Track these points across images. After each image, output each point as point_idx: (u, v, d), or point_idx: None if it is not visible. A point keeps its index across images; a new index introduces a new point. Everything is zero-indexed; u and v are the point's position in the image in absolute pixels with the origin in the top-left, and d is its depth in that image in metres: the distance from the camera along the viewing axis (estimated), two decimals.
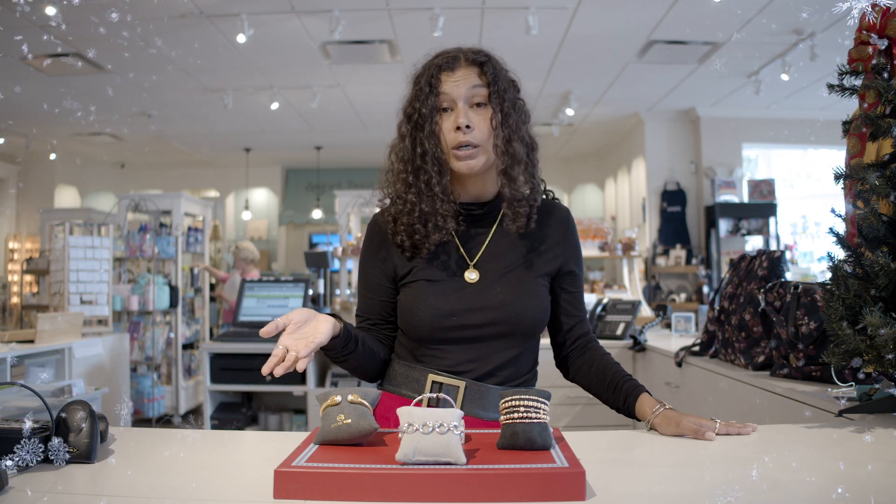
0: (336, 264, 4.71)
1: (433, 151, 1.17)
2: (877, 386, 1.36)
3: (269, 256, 9.76)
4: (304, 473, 0.81)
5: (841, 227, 1.30)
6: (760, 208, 6.78)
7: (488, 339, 1.17)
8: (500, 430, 1.00)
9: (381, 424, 1.01)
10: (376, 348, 1.23)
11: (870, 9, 1.27)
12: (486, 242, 1.22)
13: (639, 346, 3.17)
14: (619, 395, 1.20)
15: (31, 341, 3.11)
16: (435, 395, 1.13)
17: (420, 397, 1.02)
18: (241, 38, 4.52)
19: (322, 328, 1.03)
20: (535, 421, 0.91)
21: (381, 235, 1.25)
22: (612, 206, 8.89)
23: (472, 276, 1.19)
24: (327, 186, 9.81)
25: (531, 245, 1.23)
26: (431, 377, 1.18)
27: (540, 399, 0.93)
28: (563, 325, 1.28)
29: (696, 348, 2.57)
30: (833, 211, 1.31)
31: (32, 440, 0.93)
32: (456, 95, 1.17)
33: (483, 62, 1.19)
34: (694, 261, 6.91)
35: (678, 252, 6.92)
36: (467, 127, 1.15)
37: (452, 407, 0.91)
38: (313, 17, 4.49)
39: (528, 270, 1.21)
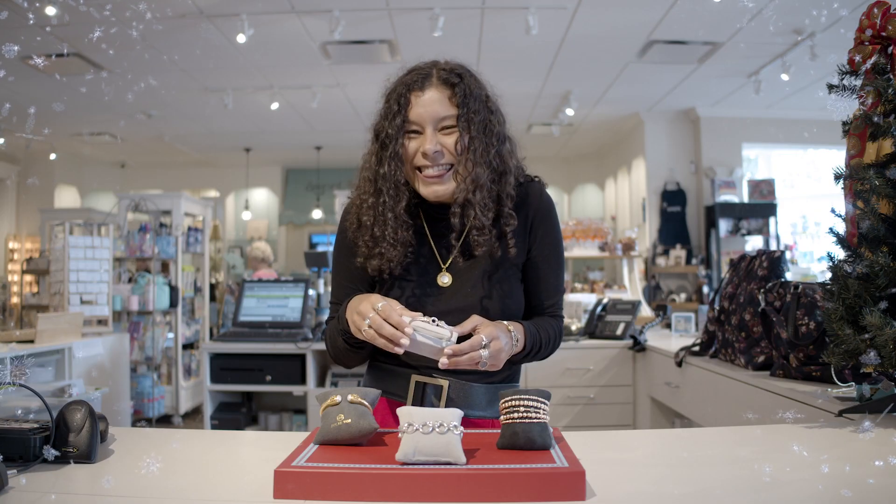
0: None
1: (393, 175, 1.15)
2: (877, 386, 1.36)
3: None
4: (304, 473, 0.81)
5: (841, 227, 1.30)
6: (760, 208, 6.78)
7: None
8: (489, 429, 1.00)
9: None
10: None
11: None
12: (460, 244, 1.20)
13: (639, 346, 3.17)
14: None
15: (31, 341, 3.11)
16: (422, 387, 1.15)
17: (417, 382, 1.02)
18: (241, 38, 4.52)
19: None
20: (535, 421, 0.91)
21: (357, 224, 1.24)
22: (612, 206, 8.89)
23: (444, 279, 1.20)
24: (327, 186, 9.80)
25: (501, 238, 1.21)
26: (415, 378, 1.18)
27: (540, 399, 0.93)
28: (532, 308, 1.27)
29: (696, 348, 2.57)
30: (833, 211, 1.31)
31: (32, 440, 0.93)
32: (424, 120, 1.14)
33: (455, 83, 1.14)
34: (694, 261, 6.91)
35: (678, 252, 6.92)
36: (436, 153, 1.13)
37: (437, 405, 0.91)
38: (313, 17, 4.49)
39: (499, 265, 1.21)
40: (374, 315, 1.03)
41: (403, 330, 1.01)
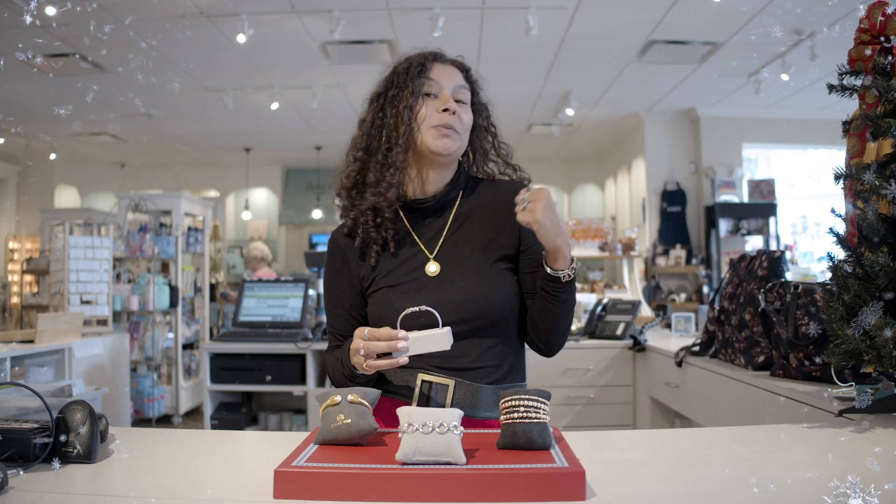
0: None
1: (408, 124, 1.19)
2: (877, 386, 1.36)
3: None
4: (304, 473, 0.81)
5: (841, 227, 1.30)
6: (760, 208, 6.78)
7: (459, 334, 1.17)
8: (493, 429, 1.00)
9: None
10: None
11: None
12: (444, 234, 1.23)
13: (639, 346, 3.17)
14: (538, 283, 1.19)
15: (31, 341, 3.11)
16: (427, 385, 1.16)
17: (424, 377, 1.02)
18: (241, 38, 4.52)
19: None
20: (535, 421, 0.91)
21: (342, 253, 1.27)
22: (612, 206, 8.89)
23: (432, 268, 1.21)
24: (327, 186, 9.77)
25: (488, 230, 1.24)
26: (421, 376, 1.18)
27: (540, 399, 0.93)
28: (527, 304, 1.26)
29: (696, 348, 2.57)
30: (833, 211, 1.31)
31: (32, 440, 0.93)
32: (444, 84, 1.21)
33: (468, 69, 1.27)
34: (694, 261, 6.91)
35: (678, 252, 6.92)
36: (454, 112, 1.19)
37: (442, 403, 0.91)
38: (313, 17, 4.49)
39: (487, 257, 1.21)
40: (365, 343, 1.07)
41: (397, 336, 1.05)
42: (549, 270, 1.14)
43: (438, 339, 1.06)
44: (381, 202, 1.19)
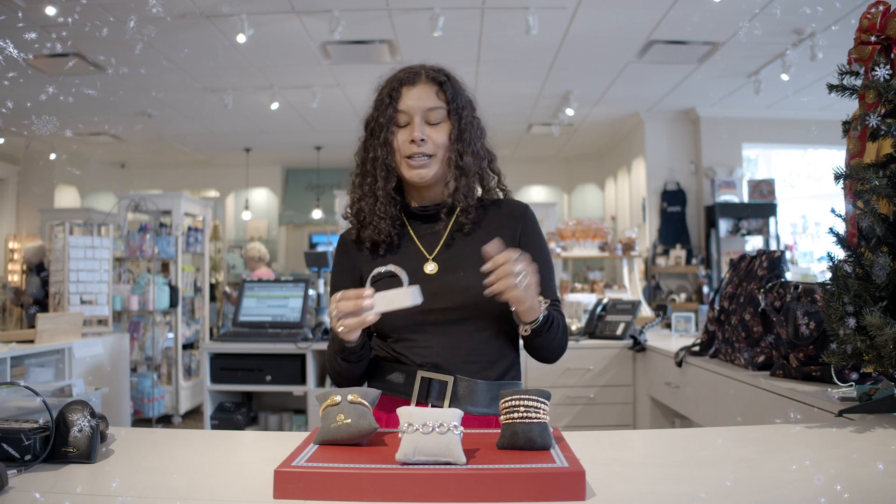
0: None
1: (384, 158, 1.26)
2: (877, 386, 1.36)
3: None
4: (304, 473, 0.81)
5: (841, 227, 1.30)
6: (760, 208, 6.78)
7: (456, 323, 1.21)
8: (492, 427, 1.01)
9: None
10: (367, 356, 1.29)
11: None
12: (444, 238, 1.29)
13: (639, 346, 3.17)
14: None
15: (31, 341, 3.11)
16: (427, 382, 1.18)
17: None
18: (241, 38, 4.52)
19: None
20: (535, 421, 0.91)
21: (347, 251, 1.34)
22: (612, 206, 8.89)
23: (430, 267, 1.26)
24: (327, 186, 9.80)
25: (487, 236, 1.25)
26: (420, 374, 1.20)
27: (540, 399, 0.93)
28: None
29: (696, 348, 2.57)
30: (833, 211, 1.31)
31: (32, 440, 0.93)
32: (413, 111, 1.25)
33: (442, 81, 1.27)
34: (694, 261, 6.91)
35: (678, 252, 6.92)
36: (422, 140, 1.23)
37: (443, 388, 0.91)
38: (313, 17, 4.49)
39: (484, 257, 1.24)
40: (336, 304, 1.11)
41: (363, 294, 1.09)
42: (523, 328, 1.18)
43: (404, 295, 1.08)
44: (380, 237, 1.27)
